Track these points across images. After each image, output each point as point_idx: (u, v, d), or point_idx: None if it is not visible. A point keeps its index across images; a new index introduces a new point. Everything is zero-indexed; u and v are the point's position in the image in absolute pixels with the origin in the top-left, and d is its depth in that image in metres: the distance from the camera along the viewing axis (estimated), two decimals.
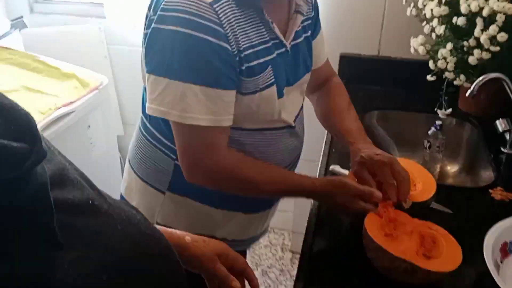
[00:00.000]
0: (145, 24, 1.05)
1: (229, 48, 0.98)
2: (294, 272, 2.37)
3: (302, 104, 1.27)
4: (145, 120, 1.18)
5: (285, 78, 1.12)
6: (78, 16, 2.43)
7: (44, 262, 0.46)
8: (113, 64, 2.45)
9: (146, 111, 1.03)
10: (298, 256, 2.48)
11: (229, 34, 0.98)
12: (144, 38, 1.04)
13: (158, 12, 0.97)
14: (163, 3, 0.97)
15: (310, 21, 1.22)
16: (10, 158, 0.42)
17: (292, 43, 1.13)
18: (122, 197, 1.29)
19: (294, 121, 1.19)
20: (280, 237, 2.61)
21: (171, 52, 0.97)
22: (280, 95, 1.10)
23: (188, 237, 0.83)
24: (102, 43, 2.39)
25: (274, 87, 1.08)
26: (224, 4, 0.98)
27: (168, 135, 1.12)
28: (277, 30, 1.08)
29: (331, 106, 1.33)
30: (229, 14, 0.98)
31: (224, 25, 0.97)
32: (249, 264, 0.90)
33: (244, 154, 1.12)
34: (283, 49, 1.10)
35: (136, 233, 0.59)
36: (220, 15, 0.96)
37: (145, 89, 1.14)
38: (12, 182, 0.43)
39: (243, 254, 1.51)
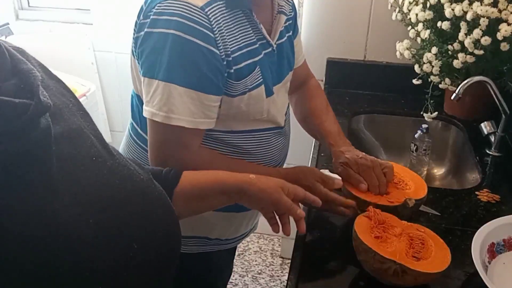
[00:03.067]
0: (134, 30, 1.05)
1: (217, 52, 1.00)
2: (284, 278, 2.37)
3: (289, 103, 1.30)
4: (136, 126, 1.18)
5: (272, 76, 1.14)
6: (64, 23, 2.42)
7: (40, 205, 0.54)
8: (100, 70, 2.43)
9: (143, 114, 1.03)
10: (288, 261, 2.48)
11: (218, 38, 0.99)
12: (135, 43, 1.04)
13: (151, 16, 0.98)
14: (155, 7, 0.98)
15: (290, 21, 1.25)
16: (11, 111, 0.51)
17: (277, 42, 1.15)
18: None
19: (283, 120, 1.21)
20: (270, 243, 2.61)
21: (161, 54, 0.97)
22: (269, 93, 1.12)
23: (252, 175, 0.93)
24: (89, 49, 2.38)
25: (262, 87, 1.10)
26: (215, 7, 0.99)
27: None
28: (264, 31, 1.10)
29: (310, 108, 1.36)
30: (219, 17, 1.00)
31: (214, 29, 0.98)
32: (239, 269, 0.92)
33: (236, 156, 1.13)
34: (270, 49, 1.13)
35: (132, 188, 0.66)
36: (211, 19, 0.98)
37: (136, 95, 1.14)
38: (15, 132, 0.52)
39: (233, 250, 1.50)
